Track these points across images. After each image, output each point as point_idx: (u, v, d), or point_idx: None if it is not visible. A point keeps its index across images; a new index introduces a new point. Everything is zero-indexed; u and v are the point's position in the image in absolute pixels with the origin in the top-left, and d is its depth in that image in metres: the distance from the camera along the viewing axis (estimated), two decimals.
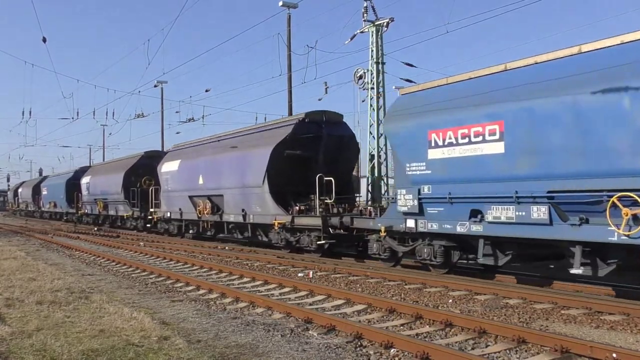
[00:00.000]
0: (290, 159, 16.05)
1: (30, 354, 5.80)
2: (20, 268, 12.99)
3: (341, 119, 17.48)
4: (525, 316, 7.84)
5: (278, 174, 16.21)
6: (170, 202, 23.33)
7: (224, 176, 18.89)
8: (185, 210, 22.02)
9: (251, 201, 17.31)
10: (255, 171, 16.84)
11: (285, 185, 16.34)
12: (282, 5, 24.07)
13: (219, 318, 7.84)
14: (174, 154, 24.10)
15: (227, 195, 18.76)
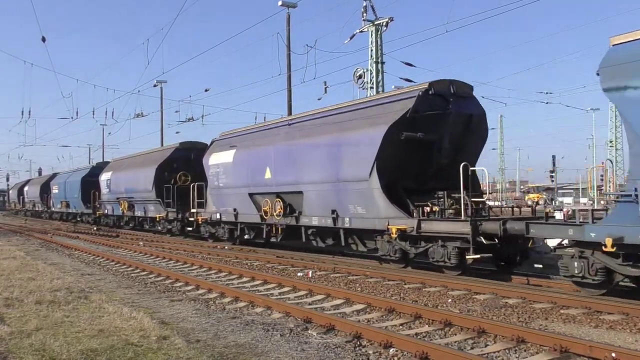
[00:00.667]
0: (408, 145, 12.17)
1: (29, 354, 5.80)
2: (20, 268, 12.98)
3: (471, 92, 13.33)
4: (524, 316, 7.84)
5: (392, 163, 12.33)
6: (221, 200, 19.09)
7: (305, 168, 14.72)
8: (242, 210, 17.94)
9: (348, 200, 13.24)
10: (356, 160, 12.83)
11: (401, 179, 12.62)
12: (282, 5, 24.09)
13: (218, 318, 7.84)
14: (224, 143, 19.48)
15: (309, 192, 14.63)
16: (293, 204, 15.51)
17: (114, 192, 30.03)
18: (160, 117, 41.22)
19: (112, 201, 30.81)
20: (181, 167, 24.32)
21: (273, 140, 16.39)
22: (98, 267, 14.35)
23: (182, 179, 23.95)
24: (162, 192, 24.14)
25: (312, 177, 14.45)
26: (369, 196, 12.58)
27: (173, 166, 24.52)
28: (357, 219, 13.06)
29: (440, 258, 11.19)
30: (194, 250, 17.95)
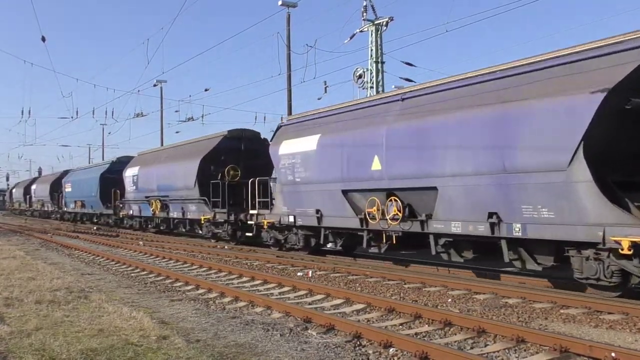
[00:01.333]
0: (630, 118, 8.31)
1: (29, 354, 5.80)
2: (20, 267, 12.98)
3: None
4: (524, 315, 7.84)
5: (607, 144, 8.45)
6: (297, 199, 14.87)
7: (442, 155, 10.63)
8: (330, 212, 13.76)
9: (522, 198, 9.25)
10: (544, 142, 8.81)
11: (615, 169, 8.61)
12: (282, 5, 24.09)
13: (218, 317, 7.84)
14: (299, 128, 15.33)
15: (448, 188, 10.54)
16: (415, 204, 11.57)
17: (143, 190, 25.85)
18: (160, 116, 41.21)
19: (139, 200, 26.50)
20: (230, 160, 20.24)
21: (384, 120, 12.15)
22: (98, 266, 14.35)
23: (231, 173, 19.95)
24: (207, 190, 20.03)
25: (456, 168, 10.35)
26: (566, 193, 8.55)
27: (220, 159, 20.23)
28: (537, 225, 9.02)
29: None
30: (194, 250, 17.95)
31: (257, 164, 18.84)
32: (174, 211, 23.27)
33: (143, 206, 26.25)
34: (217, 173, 19.96)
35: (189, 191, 21.22)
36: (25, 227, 34.29)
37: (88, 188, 34.49)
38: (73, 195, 38.58)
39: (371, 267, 12.98)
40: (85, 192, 35.29)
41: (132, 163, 28.57)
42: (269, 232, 16.87)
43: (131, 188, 27.26)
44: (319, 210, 14.14)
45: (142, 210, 26.42)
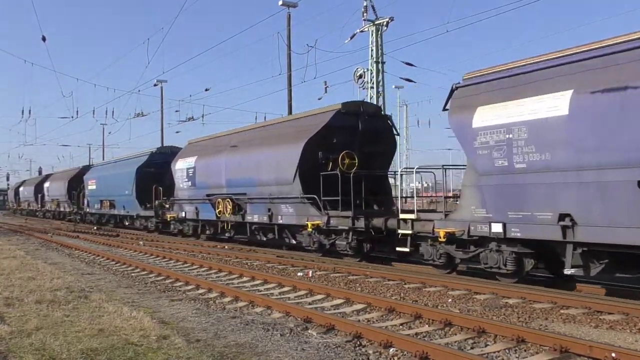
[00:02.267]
0: None
1: (29, 353, 5.80)
2: (20, 267, 12.99)
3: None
4: (524, 316, 7.84)
5: None
6: (514, 198, 9.50)
7: None
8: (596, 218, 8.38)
9: None
10: None
11: None
12: (282, 5, 24.12)
13: (218, 317, 7.84)
14: (517, 82, 9.63)
15: None
16: None
17: (203, 186, 20.11)
18: (161, 116, 41.24)
19: (197, 199, 20.76)
20: (341, 144, 14.77)
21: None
22: (98, 266, 14.35)
23: (346, 162, 14.45)
24: (312, 184, 14.44)
25: None
26: None
27: (332, 142, 14.82)
28: None
29: None
30: (194, 250, 17.95)
31: (377, 150, 15.37)
32: (256, 213, 17.36)
33: (204, 207, 20.49)
34: (328, 162, 14.81)
35: (284, 187, 15.57)
36: (26, 227, 34.29)
37: (120, 185, 28.50)
38: (98, 193, 32.84)
39: (371, 267, 12.98)
40: (116, 190, 29.31)
41: (183, 153, 22.65)
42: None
43: (184, 184, 21.59)
44: (568, 216, 8.85)
45: (203, 211, 20.66)
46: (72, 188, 39.32)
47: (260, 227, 17.76)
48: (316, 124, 15.04)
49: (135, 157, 29.14)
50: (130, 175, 27.29)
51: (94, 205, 34.14)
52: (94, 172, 35.37)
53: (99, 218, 34.34)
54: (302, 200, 14.93)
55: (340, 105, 14.90)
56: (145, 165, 26.78)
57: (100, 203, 32.73)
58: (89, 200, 34.90)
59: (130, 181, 27.22)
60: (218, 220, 19.56)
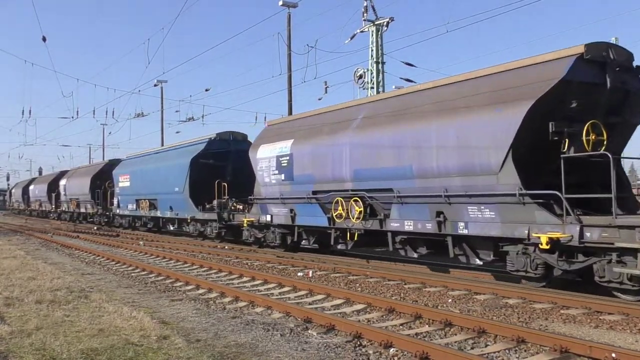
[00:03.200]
0: None
1: (29, 353, 5.80)
2: (20, 267, 12.99)
3: None
4: (524, 316, 7.84)
5: None
6: None
7: None
8: None
9: None
10: None
11: None
12: (282, 5, 24.12)
13: (218, 317, 7.84)
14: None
15: None
16: None
17: (305, 180, 14.61)
18: (161, 116, 41.23)
19: (291, 199, 15.31)
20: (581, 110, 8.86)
21: None
22: (98, 266, 14.35)
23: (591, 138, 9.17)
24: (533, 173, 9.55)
25: None
26: None
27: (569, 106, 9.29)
28: None
29: None
30: (194, 250, 17.95)
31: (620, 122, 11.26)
32: (406, 219, 11.78)
33: (304, 208, 15.02)
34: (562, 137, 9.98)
35: (478, 178, 10.16)
36: (26, 227, 34.28)
37: (166, 180, 23.06)
38: (133, 191, 27.26)
39: (371, 267, 12.98)
40: (161, 187, 23.77)
41: (268, 137, 16.83)
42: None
43: (272, 178, 15.97)
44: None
45: (299, 215, 15.28)
46: (95, 186, 34.02)
47: (414, 238, 12.14)
48: (542, 78, 9.37)
49: (189, 145, 23.17)
50: (182, 168, 21.73)
51: (126, 206, 28.53)
52: (125, 166, 29.48)
53: (131, 221, 29.22)
54: (521, 198, 9.34)
55: (584, 47, 9.19)
56: (202, 155, 21.24)
57: (135, 203, 27.04)
58: (119, 200, 29.34)
59: (182, 175, 21.58)
60: (332, 227, 14.04)
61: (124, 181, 28.45)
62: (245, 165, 17.77)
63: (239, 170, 20.05)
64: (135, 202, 26.96)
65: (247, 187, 17.67)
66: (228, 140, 21.74)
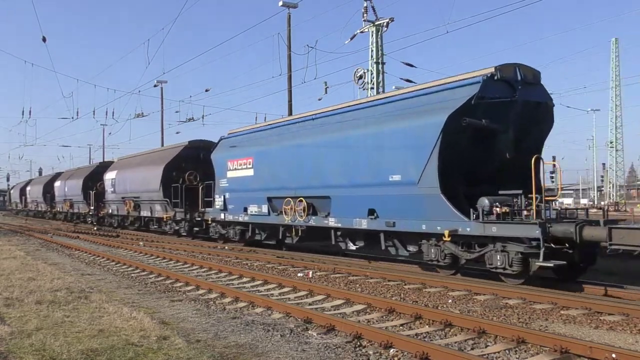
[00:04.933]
0: None
1: (29, 354, 5.80)
2: (20, 268, 12.99)
3: None
4: (524, 316, 7.84)
5: None
6: None
7: None
8: None
9: None
10: None
11: None
12: (282, 5, 24.13)
13: (218, 318, 7.84)
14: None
15: None
16: None
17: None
18: (161, 117, 41.28)
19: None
20: None
21: None
22: (98, 267, 14.35)
23: None
24: None
25: None
26: None
27: None
28: None
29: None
30: (194, 251, 17.95)
31: None
32: None
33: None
34: None
35: None
36: (26, 227, 34.29)
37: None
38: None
39: (371, 267, 12.98)
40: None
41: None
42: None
43: None
44: None
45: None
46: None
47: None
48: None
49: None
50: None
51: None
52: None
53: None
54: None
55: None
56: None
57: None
58: (227, 199, 29.54)
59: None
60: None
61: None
62: None
63: None
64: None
65: None
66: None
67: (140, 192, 26.27)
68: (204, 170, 21.85)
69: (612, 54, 67.15)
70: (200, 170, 22.43)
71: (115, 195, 25.32)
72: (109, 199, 25.42)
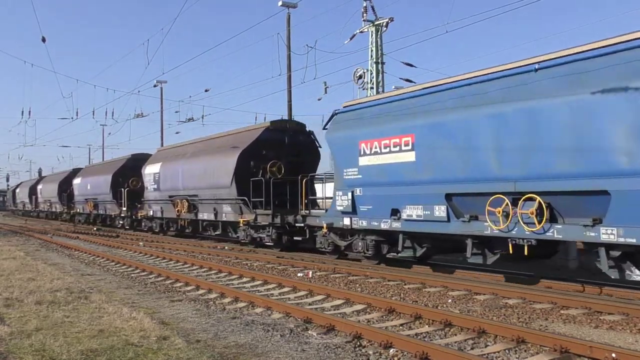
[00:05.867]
0: None
1: (29, 354, 5.80)
2: (20, 268, 12.99)
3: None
4: (524, 316, 7.84)
5: None
6: None
7: None
8: None
9: None
10: None
11: None
12: (282, 5, 24.11)
13: (218, 318, 7.83)
14: None
15: None
16: None
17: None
18: (161, 117, 41.21)
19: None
20: None
21: None
22: (98, 267, 14.34)
23: None
24: None
25: None
26: None
27: None
28: None
29: None
30: (194, 251, 17.95)
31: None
32: None
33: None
34: None
35: None
36: (26, 228, 34.28)
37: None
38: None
39: (371, 267, 12.98)
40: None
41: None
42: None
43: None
44: None
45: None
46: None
47: None
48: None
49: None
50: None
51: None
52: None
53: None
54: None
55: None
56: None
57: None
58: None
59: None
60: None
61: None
62: None
63: None
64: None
65: None
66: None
67: (199, 188, 21.04)
68: (288, 160, 17.92)
69: None
70: (284, 160, 17.99)
71: (160, 193, 21.46)
72: (151, 198, 21.93)
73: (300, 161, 17.89)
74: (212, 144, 21.13)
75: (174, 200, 19.64)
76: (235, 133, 20.25)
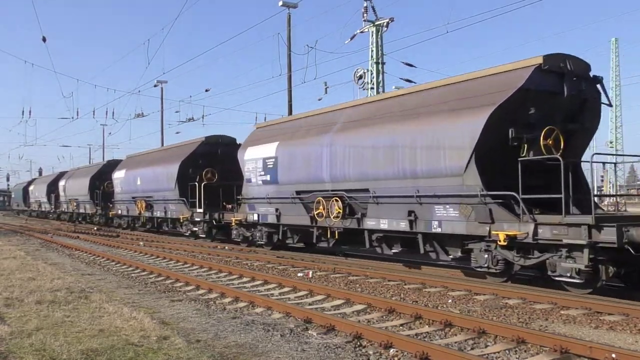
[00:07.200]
0: None
1: (29, 354, 5.80)
2: (20, 267, 12.99)
3: None
4: (524, 316, 7.84)
5: None
6: None
7: None
8: None
9: None
10: None
11: None
12: (282, 5, 24.13)
13: (218, 318, 7.84)
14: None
15: None
16: None
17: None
18: (161, 117, 41.29)
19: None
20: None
21: None
22: (98, 267, 14.35)
23: None
24: None
25: None
26: None
27: None
28: None
29: None
30: (195, 251, 17.95)
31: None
32: None
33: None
34: None
35: None
36: (26, 228, 34.29)
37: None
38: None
39: (371, 267, 12.98)
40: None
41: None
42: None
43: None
44: None
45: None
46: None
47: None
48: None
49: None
50: None
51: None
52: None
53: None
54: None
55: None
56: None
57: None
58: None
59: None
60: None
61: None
62: None
63: None
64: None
65: None
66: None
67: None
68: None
69: (612, 53, 67.22)
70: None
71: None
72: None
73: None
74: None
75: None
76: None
